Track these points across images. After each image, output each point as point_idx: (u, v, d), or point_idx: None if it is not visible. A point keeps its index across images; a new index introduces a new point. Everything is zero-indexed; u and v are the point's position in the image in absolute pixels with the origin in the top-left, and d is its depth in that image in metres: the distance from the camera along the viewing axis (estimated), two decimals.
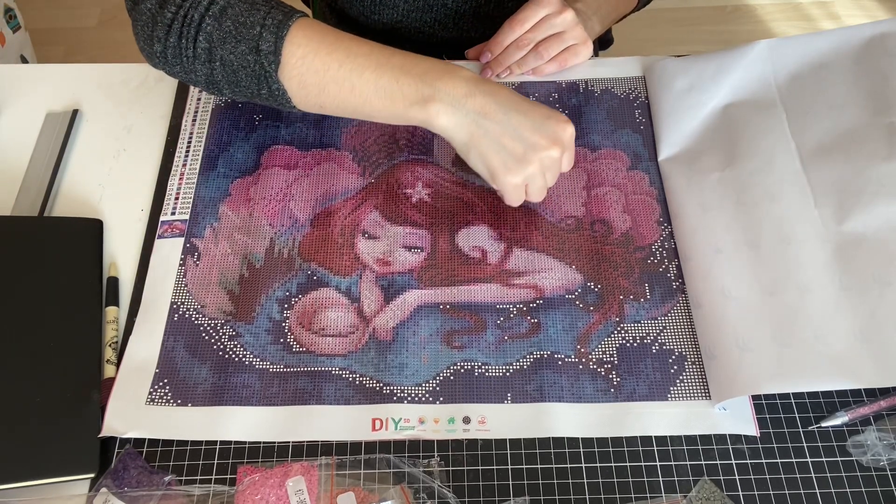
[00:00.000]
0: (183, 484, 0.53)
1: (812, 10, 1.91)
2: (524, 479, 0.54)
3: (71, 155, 0.71)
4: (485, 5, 0.78)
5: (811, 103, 0.67)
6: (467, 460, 0.54)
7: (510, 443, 0.55)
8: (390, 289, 0.62)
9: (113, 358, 0.58)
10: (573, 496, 0.53)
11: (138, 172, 0.69)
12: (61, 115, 0.73)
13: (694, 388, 0.57)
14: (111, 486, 0.53)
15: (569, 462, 0.54)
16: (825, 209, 0.61)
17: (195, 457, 0.55)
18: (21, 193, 0.67)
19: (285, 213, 0.66)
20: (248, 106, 0.72)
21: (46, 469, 0.53)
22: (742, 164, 0.65)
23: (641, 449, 0.55)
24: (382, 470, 0.54)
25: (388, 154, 0.69)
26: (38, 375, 0.56)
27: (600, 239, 0.64)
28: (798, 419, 0.56)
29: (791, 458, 0.54)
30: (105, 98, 0.75)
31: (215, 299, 0.61)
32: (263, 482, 0.53)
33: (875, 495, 0.53)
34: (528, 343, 0.59)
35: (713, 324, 0.58)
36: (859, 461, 0.54)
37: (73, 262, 0.62)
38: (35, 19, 1.79)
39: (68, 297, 0.60)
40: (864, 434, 0.55)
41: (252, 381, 0.58)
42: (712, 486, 0.53)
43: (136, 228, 0.66)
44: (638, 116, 0.71)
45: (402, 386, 0.57)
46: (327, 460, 0.54)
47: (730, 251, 0.60)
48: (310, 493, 0.52)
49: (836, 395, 0.57)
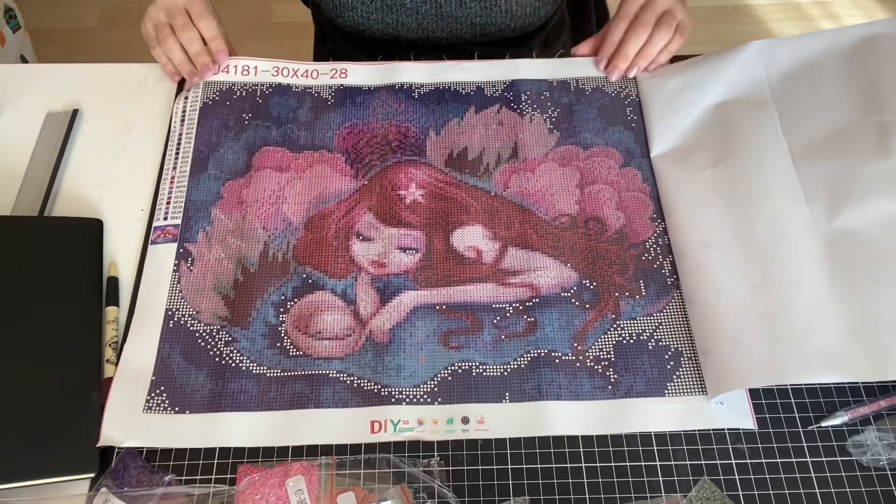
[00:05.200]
0: (183, 484, 0.53)
1: (812, 10, 1.91)
2: (524, 479, 0.54)
3: (71, 155, 0.71)
4: (445, 4, 0.78)
5: (803, 102, 0.68)
6: (467, 460, 0.54)
7: (510, 442, 0.55)
8: (386, 290, 0.62)
9: (113, 358, 0.58)
10: (573, 496, 0.53)
11: (138, 172, 0.69)
12: (61, 115, 0.73)
13: (691, 384, 0.57)
14: (111, 485, 0.53)
15: (569, 462, 0.54)
16: (816, 206, 0.61)
17: (195, 457, 0.55)
18: (21, 193, 0.67)
19: (279, 216, 0.66)
20: (236, 104, 0.72)
21: (46, 469, 0.53)
22: (734, 162, 0.65)
23: (641, 449, 0.55)
24: (382, 470, 0.54)
25: (381, 155, 0.69)
26: (38, 375, 0.56)
27: (595, 236, 0.64)
28: (798, 419, 0.56)
29: (791, 458, 0.54)
30: (105, 98, 0.75)
31: (210, 305, 0.61)
32: (263, 482, 0.53)
33: (875, 495, 0.53)
34: (525, 342, 0.59)
35: (706, 319, 0.58)
36: (859, 461, 0.54)
37: (73, 262, 0.62)
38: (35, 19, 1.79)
39: (68, 297, 0.60)
40: (864, 434, 0.55)
41: (249, 386, 0.57)
42: (712, 485, 0.53)
43: (136, 228, 0.66)
44: (629, 114, 0.71)
45: (400, 387, 0.57)
46: (327, 460, 0.54)
47: (722, 247, 0.61)
48: (310, 492, 0.52)
49: (836, 394, 0.57)
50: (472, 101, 0.72)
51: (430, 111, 0.72)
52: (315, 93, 0.73)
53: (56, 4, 1.92)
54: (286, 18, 1.90)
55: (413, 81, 0.73)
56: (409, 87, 0.73)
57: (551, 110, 0.72)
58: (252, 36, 1.85)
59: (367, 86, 0.73)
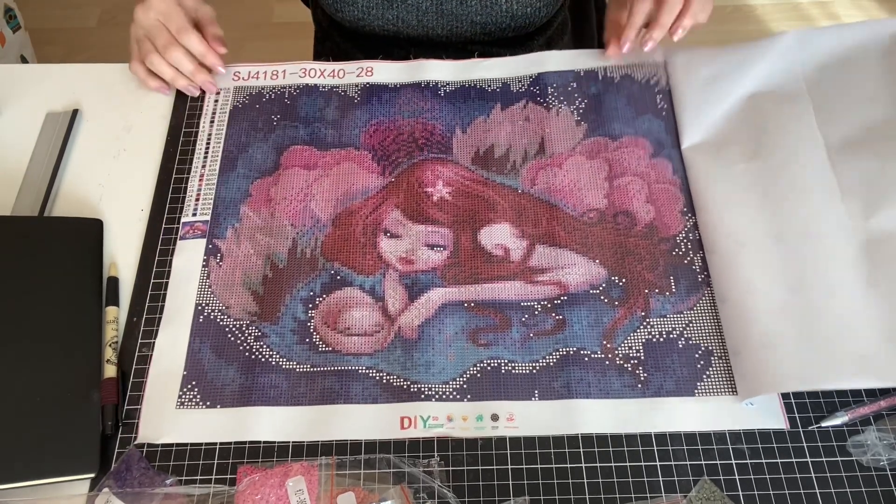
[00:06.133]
0: (183, 484, 0.53)
1: (811, 10, 1.91)
2: (524, 479, 0.54)
3: (71, 155, 0.71)
4: (446, 2, 0.78)
5: (839, 96, 0.66)
6: (467, 460, 0.54)
7: (510, 443, 0.55)
8: (414, 287, 0.62)
9: (113, 358, 0.58)
10: (573, 496, 0.53)
11: (138, 172, 0.69)
12: (61, 115, 0.73)
13: (721, 384, 0.57)
14: (113, 486, 0.53)
15: (569, 462, 0.54)
16: (852, 204, 0.59)
17: (195, 457, 0.55)
18: (21, 193, 0.67)
19: (306, 213, 0.66)
20: (265, 107, 0.72)
21: (46, 469, 0.53)
22: (768, 156, 0.64)
23: (641, 449, 0.55)
24: (382, 470, 0.54)
25: (408, 153, 0.69)
26: (38, 375, 0.56)
27: (624, 231, 0.64)
28: (798, 419, 0.56)
29: (791, 458, 0.54)
30: (105, 98, 0.75)
31: (239, 300, 0.62)
32: (263, 482, 0.53)
33: (875, 495, 0.53)
34: (554, 340, 0.59)
35: (738, 319, 0.57)
36: (859, 461, 0.54)
37: (73, 262, 0.62)
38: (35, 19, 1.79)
39: (68, 297, 0.60)
40: (864, 434, 0.55)
41: (279, 381, 0.58)
42: (712, 486, 0.53)
43: (136, 228, 0.66)
44: (659, 102, 0.70)
45: (430, 384, 0.57)
46: (327, 460, 0.54)
47: (755, 245, 0.60)
48: (310, 493, 0.52)
49: (836, 394, 0.57)
50: (497, 97, 0.72)
51: (457, 109, 0.72)
52: (342, 91, 0.73)
53: (56, 4, 1.92)
54: (286, 18, 1.90)
55: (438, 79, 0.73)
56: (435, 85, 0.73)
57: (578, 101, 0.71)
58: (252, 36, 1.85)
59: (393, 83, 0.73)
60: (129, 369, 0.59)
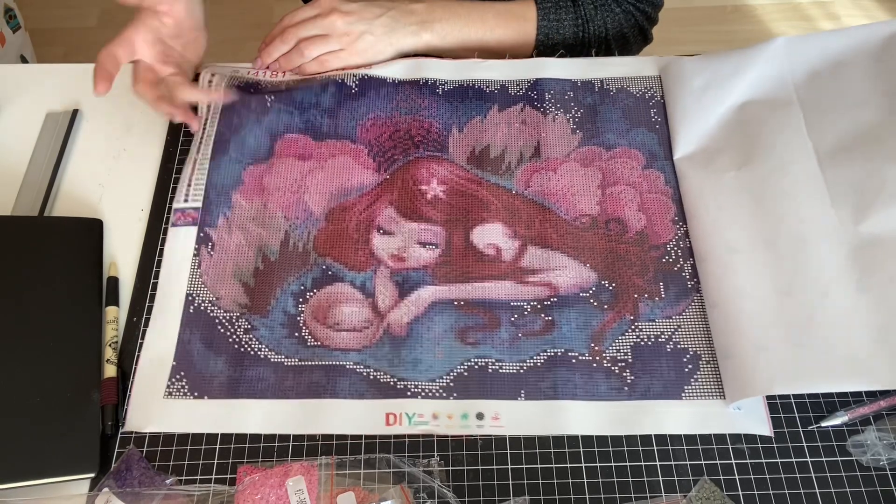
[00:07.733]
0: (183, 484, 0.54)
1: (811, 10, 1.91)
2: (524, 479, 0.54)
3: (71, 155, 0.71)
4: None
5: (829, 102, 0.66)
6: (467, 460, 0.54)
7: (510, 442, 0.55)
8: (405, 284, 0.62)
9: (113, 358, 0.58)
10: (573, 496, 0.53)
11: (138, 172, 0.69)
12: (61, 115, 0.73)
13: (708, 388, 0.57)
14: (113, 486, 0.53)
15: (569, 462, 0.54)
16: (842, 210, 0.60)
17: (195, 456, 0.55)
18: (21, 193, 0.67)
19: (300, 205, 0.66)
20: (259, 88, 0.72)
21: (46, 469, 0.53)
22: (758, 164, 0.64)
23: (641, 449, 0.55)
24: (382, 470, 0.54)
25: (404, 150, 0.69)
26: (39, 375, 0.56)
27: (615, 237, 0.64)
28: (798, 419, 0.56)
29: (791, 458, 0.54)
30: (105, 98, 0.74)
31: (230, 291, 0.62)
32: (263, 482, 0.53)
33: (875, 495, 0.53)
34: (542, 341, 0.59)
35: (729, 324, 0.57)
36: (859, 461, 0.54)
37: (73, 262, 0.62)
38: (35, 19, 1.79)
39: (68, 297, 0.60)
40: (864, 434, 0.55)
41: (267, 374, 0.58)
42: (712, 486, 0.53)
43: (136, 228, 0.66)
44: (653, 115, 0.71)
45: (416, 381, 0.57)
46: (327, 460, 0.54)
47: (746, 252, 0.60)
48: (310, 492, 0.52)
49: (836, 394, 0.57)
50: (495, 99, 0.72)
51: (454, 108, 0.72)
52: (339, 79, 0.73)
53: (56, 4, 1.92)
54: None
55: (437, 78, 0.73)
56: (434, 84, 0.73)
57: (574, 110, 0.71)
58: (252, 36, 1.85)
59: (392, 79, 0.73)
60: (129, 369, 0.59)
